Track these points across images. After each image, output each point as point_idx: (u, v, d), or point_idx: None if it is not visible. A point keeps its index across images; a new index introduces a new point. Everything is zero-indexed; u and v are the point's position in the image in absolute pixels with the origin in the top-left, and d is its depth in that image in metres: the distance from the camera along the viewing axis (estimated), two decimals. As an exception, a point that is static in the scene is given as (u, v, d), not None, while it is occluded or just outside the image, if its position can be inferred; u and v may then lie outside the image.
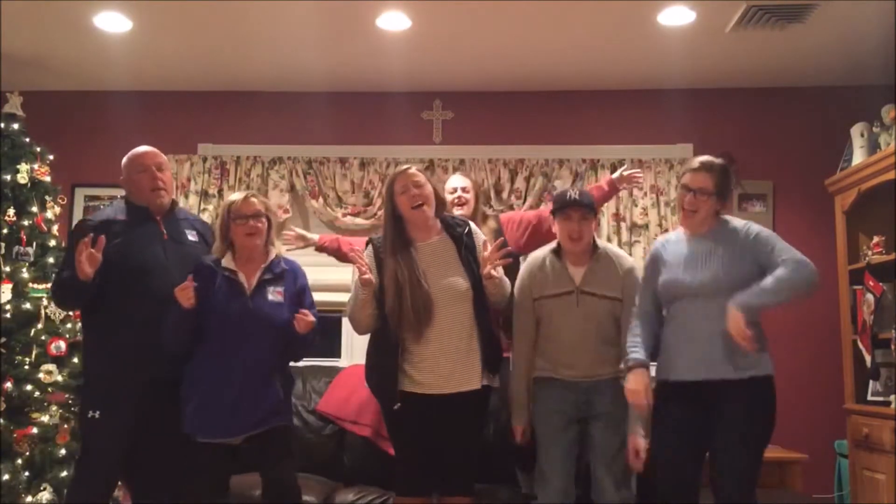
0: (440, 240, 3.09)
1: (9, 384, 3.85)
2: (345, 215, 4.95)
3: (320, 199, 5.01)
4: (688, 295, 2.86)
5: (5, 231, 4.10)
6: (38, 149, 4.31)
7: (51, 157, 4.36)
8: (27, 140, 4.30)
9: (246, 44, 4.53)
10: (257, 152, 5.07)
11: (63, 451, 3.87)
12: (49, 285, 3.81)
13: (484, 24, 4.19)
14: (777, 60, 4.61)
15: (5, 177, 4.15)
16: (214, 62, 4.80)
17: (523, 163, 4.94)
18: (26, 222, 4.15)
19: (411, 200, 3.02)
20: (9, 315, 3.95)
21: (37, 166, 4.25)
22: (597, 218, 3.13)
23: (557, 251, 3.14)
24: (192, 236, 3.26)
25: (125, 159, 3.25)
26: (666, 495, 2.86)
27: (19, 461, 3.80)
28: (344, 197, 5.00)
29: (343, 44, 4.48)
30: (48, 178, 4.31)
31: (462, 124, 5.11)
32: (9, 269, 4.03)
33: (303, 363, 4.39)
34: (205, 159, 5.07)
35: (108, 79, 5.06)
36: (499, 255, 2.98)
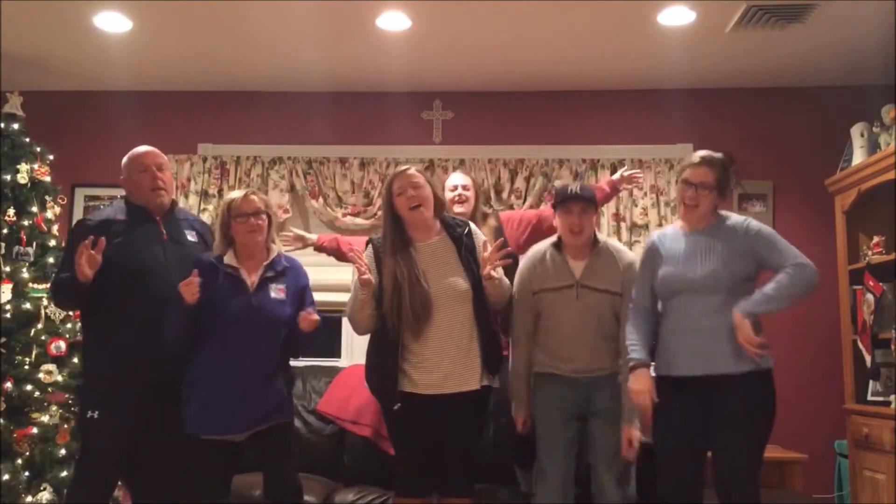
0: (440, 240, 3.08)
1: (9, 384, 3.86)
2: (345, 215, 4.95)
3: (320, 199, 5.00)
4: (687, 290, 2.86)
5: (5, 231, 4.10)
6: (38, 149, 4.31)
7: (51, 157, 4.36)
8: (27, 140, 4.31)
9: (246, 44, 4.53)
10: (257, 152, 5.07)
11: (63, 451, 3.87)
12: (49, 285, 3.81)
13: (484, 24, 4.20)
14: (777, 60, 4.61)
15: (5, 177, 4.15)
16: (214, 62, 4.80)
17: (523, 163, 4.94)
18: (26, 222, 4.15)
19: (408, 202, 3.02)
20: (9, 315, 3.96)
21: (37, 166, 4.26)
22: (598, 212, 3.12)
23: (558, 245, 3.13)
24: (192, 237, 3.26)
25: (125, 159, 3.25)
26: (667, 495, 2.86)
27: (19, 461, 3.81)
28: (344, 197, 5.00)
29: (343, 44, 4.48)
30: (48, 178, 4.32)
31: (462, 124, 5.11)
32: (9, 269, 4.04)
33: (303, 363, 4.40)
34: (205, 159, 5.07)
35: (108, 79, 5.06)
36: (499, 256, 2.97)
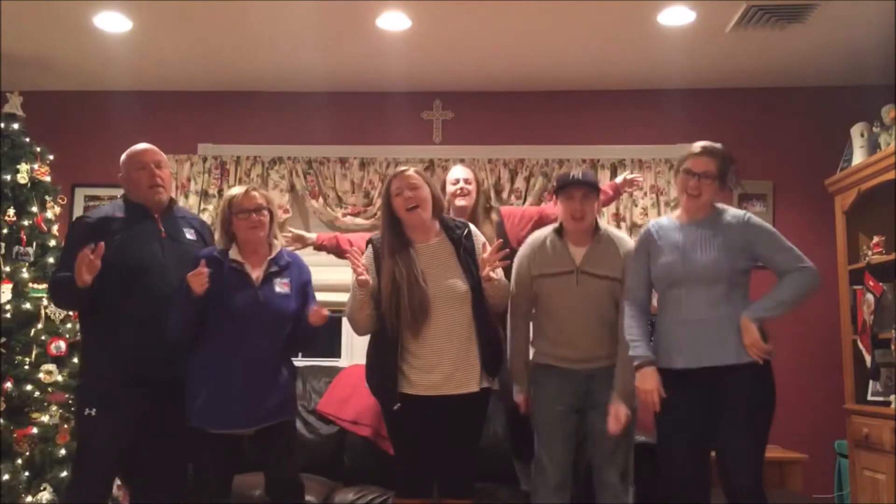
0: (439, 242, 3.08)
1: (9, 384, 3.86)
2: (345, 215, 4.95)
3: (320, 199, 5.00)
4: (689, 280, 2.86)
5: (5, 231, 4.10)
6: (38, 149, 4.31)
7: (51, 157, 4.36)
8: (27, 140, 4.30)
9: (246, 44, 4.53)
10: (257, 152, 5.07)
11: (63, 451, 3.87)
12: (47, 285, 3.80)
13: (484, 24, 4.19)
14: (777, 60, 4.61)
15: (5, 177, 4.15)
16: (214, 62, 4.80)
17: (523, 163, 4.94)
18: (26, 222, 4.15)
19: (406, 203, 3.02)
20: (9, 315, 3.95)
21: (37, 166, 4.26)
22: (599, 199, 3.13)
23: (559, 231, 3.13)
24: (190, 234, 3.25)
25: (124, 156, 3.25)
26: (673, 494, 2.86)
27: (19, 461, 3.81)
28: (344, 197, 4.99)
29: (343, 44, 4.48)
30: (48, 178, 4.31)
31: (462, 124, 5.10)
32: (9, 269, 4.03)
33: (303, 363, 4.40)
34: (205, 159, 5.07)
35: (108, 79, 5.06)
36: (498, 257, 2.97)
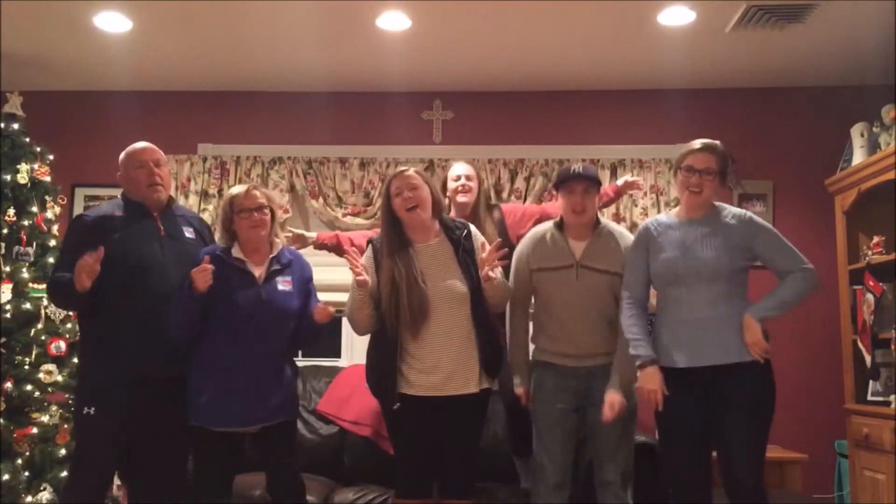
0: (439, 242, 3.08)
1: (9, 384, 3.86)
2: (345, 215, 4.95)
3: (320, 199, 5.00)
4: (690, 278, 2.86)
5: (5, 231, 4.10)
6: (38, 149, 4.31)
7: (51, 157, 4.36)
8: (27, 140, 4.30)
9: (246, 44, 4.53)
10: (257, 152, 5.07)
11: (63, 451, 3.86)
12: (46, 284, 3.80)
13: (484, 24, 4.19)
14: (777, 60, 4.61)
15: (5, 177, 4.15)
16: (214, 62, 4.80)
17: (523, 163, 4.94)
18: (26, 222, 4.15)
19: (405, 203, 3.02)
20: (9, 315, 3.95)
21: (37, 166, 4.26)
22: (600, 193, 3.12)
23: (560, 225, 3.13)
24: (190, 233, 3.25)
25: (122, 155, 3.24)
26: (675, 495, 2.86)
27: (19, 461, 3.80)
28: (344, 197, 4.99)
29: (343, 44, 4.48)
30: (48, 178, 4.31)
31: (462, 124, 5.10)
32: (9, 269, 4.03)
33: (303, 363, 4.40)
34: (205, 159, 5.07)
35: (108, 79, 5.05)
36: (497, 257, 2.96)
